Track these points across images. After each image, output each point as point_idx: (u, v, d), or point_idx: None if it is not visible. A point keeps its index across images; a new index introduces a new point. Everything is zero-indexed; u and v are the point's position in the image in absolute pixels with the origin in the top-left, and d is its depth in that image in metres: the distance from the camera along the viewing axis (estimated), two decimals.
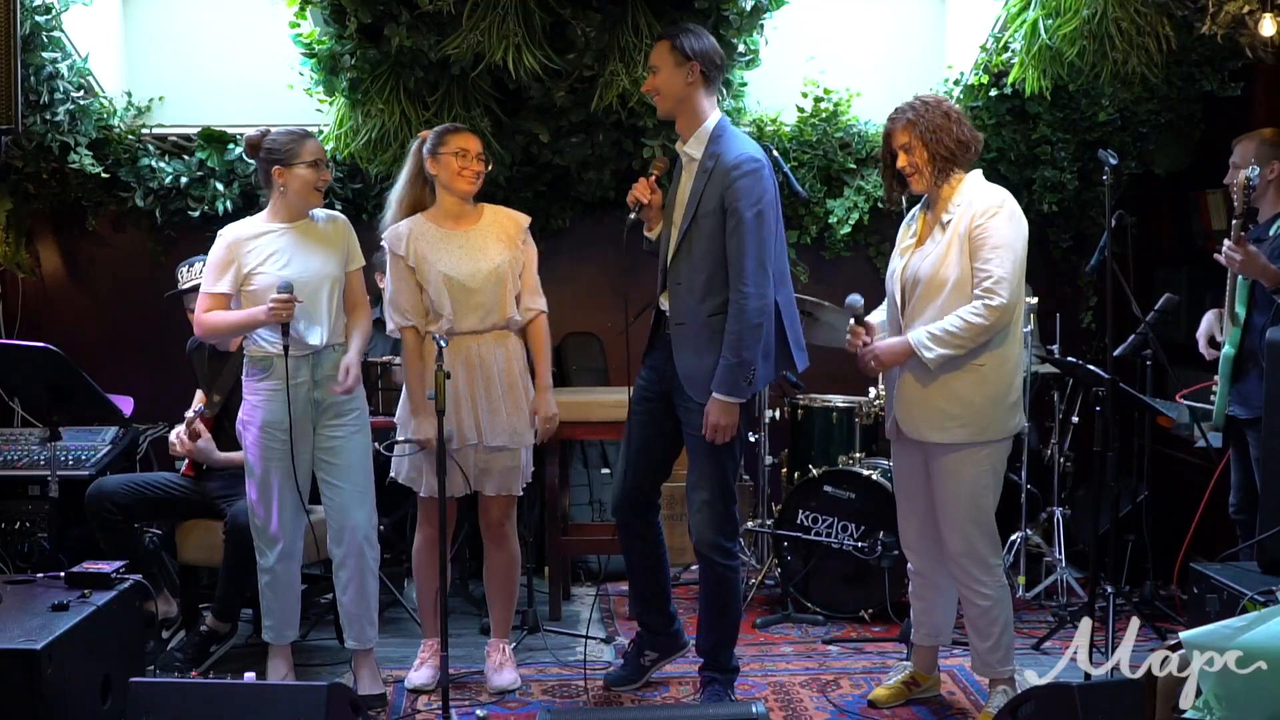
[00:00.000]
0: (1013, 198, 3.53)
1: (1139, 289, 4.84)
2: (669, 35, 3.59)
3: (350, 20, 4.45)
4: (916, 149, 3.49)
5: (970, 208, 3.45)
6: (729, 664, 3.79)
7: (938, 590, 3.74)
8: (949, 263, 3.45)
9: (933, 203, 3.57)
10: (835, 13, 5.57)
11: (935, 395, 3.48)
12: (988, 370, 3.47)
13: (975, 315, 3.38)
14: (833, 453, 4.88)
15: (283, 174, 3.69)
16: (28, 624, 3.05)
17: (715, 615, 3.75)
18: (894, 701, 3.77)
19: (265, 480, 3.74)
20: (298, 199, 3.73)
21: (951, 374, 3.46)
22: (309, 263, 3.71)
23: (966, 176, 3.53)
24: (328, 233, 3.79)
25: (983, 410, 3.48)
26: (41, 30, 4.73)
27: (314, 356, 3.72)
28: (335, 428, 3.77)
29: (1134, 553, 4.79)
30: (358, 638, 3.85)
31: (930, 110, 3.49)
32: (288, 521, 3.75)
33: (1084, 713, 2.78)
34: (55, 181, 5.25)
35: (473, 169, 3.78)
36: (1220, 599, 3.53)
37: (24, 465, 4.66)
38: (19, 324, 5.43)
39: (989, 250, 3.40)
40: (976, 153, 3.54)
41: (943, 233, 3.48)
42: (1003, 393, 3.50)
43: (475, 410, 3.79)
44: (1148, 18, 4.34)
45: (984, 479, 3.52)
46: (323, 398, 3.74)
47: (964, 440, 3.48)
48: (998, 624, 3.58)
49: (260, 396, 3.73)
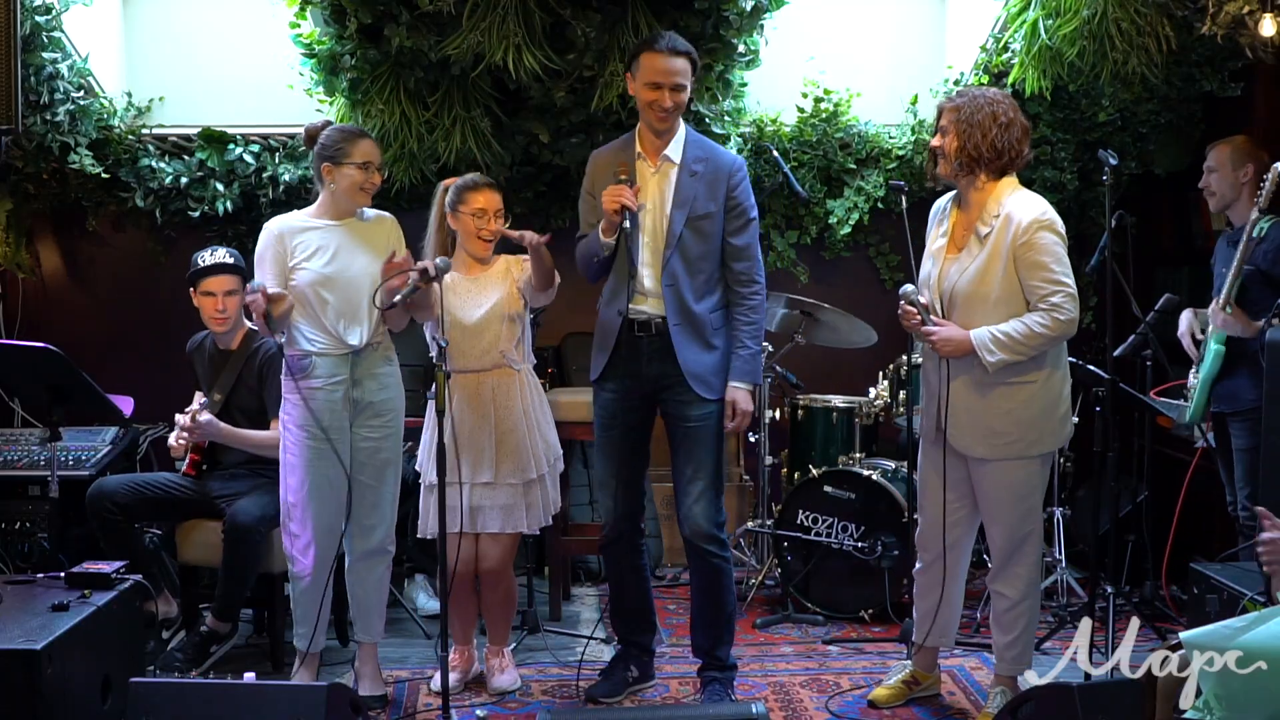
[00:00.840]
0: (1052, 208, 3.48)
1: (1139, 289, 4.84)
2: (691, 54, 3.61)
3: (350, 20, 4.45)
4: (950, 135, 3.47)
5: (1012, 222, 3.39)
6: (728, 661, 3.79)
7: (946, 590, 3.74)
8: (991, 278, 3.41)
9: (967, 205, 3.53)
10: (835, 13, 5.56)
11: (986, 413, 3.45)
12: (1037, 387, 3.46)
13: (1041, 325, 3.36)
14: (833, 453, 4.88)
15: (331, 171, 3.69)
16: (28, 624, 3.05)
17: (712, 612, 3.74)
18: (894, 701, 3.77)
19: (305, 482, 3.69)
20: (344, 198, 3.71)
21: (1003, 390, 3.44)
22: (352, 261, 3.69)
23: (1004, 185, 3.48)
24: (374, 231, 3.77)
25: (1032, 425, 3.47)
26: (41, 30, 4.73)
27: (353, 355, 3.71)
28: (374, 428, 3.75)
29: (1134, 553, 4.79)
30: (366, 630, 3.86)
31: (978, 105, 3.44)
32: (325, 526, 3.70)
33: (1084, 713, 2.78)
34: (55, 181, 5.25)
35: (490, 228, 3.80)
36: (1220, 599, 3.54)
37: (24, 465, 4.66)
38: (19, 324, 5.43)
39: (1046, 266, 3.37)
40: (1014, 164, 3.47)
41: (980, 245, 3.44)
42: (1052, 407, 3.50)
43: (472, 447, 3.76)
44: (1148, 18, 4.34)
45: (1034, 481, 3.52)
46: (361, 397, 3.73)
47: (1012, 456, 3.47)
48: (1023, 619, 3.59)
49: (300, 395, 3.69)
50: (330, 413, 3.67)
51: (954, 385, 3.51)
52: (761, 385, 5.00)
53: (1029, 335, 3.36)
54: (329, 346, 3.68)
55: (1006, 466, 3.48)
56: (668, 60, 3.55)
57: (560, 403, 4.71)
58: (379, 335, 3.76)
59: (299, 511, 3.71)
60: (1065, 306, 3.36)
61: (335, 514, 3.71)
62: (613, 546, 3.83)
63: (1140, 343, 4.31)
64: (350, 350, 3.70)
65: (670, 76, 3.55)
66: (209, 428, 4.08)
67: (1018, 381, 3.44)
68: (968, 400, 3.49)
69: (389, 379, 3.80)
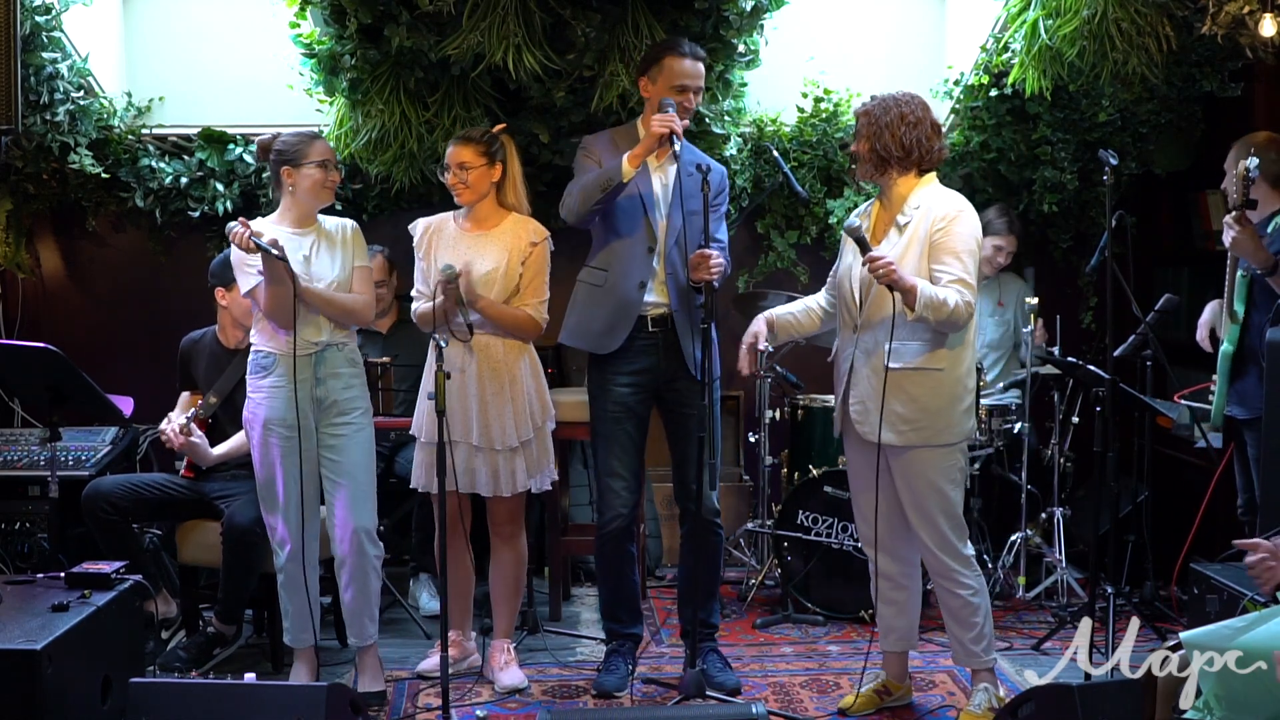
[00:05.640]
0: (970, 204, 3.55)
1: (1139, 289, 4.84)
2: (705, 58, 3.85)
3: (350, 20, 4.44)
4: (861, 139, 3.57)
5: (930, 211, 3.49)
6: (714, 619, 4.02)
7: (906, 591, 3.74)
8: (907, 265, 3.46)
9: (888, 202, 3.60)
10: (835, 13, 5.56)
11: (891, 398, 3.48)
12: (944, 375, 3.50)
13: (955, 300, 3.39)
14: (833, 453, 4.88)
15: (292, 174, 3.73)
16: (28, 624, 3.05)
17: (713, 581, 3.98)
18: (865, 710, 3.75)
19: (269, 479, 3.75)
20: (307, 198, 3.76)
21: (907, 376, 3.48)
22: (315, 267, 3.74)
23: (923, 181, 3.56)
24: (333, 237, 3.82)
25: (940, 414, 3.50)
26: (41, 30, 4.73)
27: (316, 354, 3.73)
28: (339, 426, 3.77)
29: (1134, 553, 4.79)
30: (358, 635, 3.87)
31: (888, 107, 3.53)
32: (295, 521, 3.75)
33: (1084, 713, 2.78)
34: (55, 181, 5.25)
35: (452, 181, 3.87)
36: (1220, 599, 3.53)
37: (24, 465, 4.66)
38: (19, 324, 5.43)
39: (953, 253, 3.44)
40: (926, 161, 3.54)
41: (900, 234, 3.51)
42: (958, 398, 3.53)
43: (464, 410, 3.81)
44: (1148, 18, 4.33)
45: (951, 474, 3.56)
46: (325, 395, 3.75)
47: (919, 443, 3.50)
48: (979, 612, 3.60)
49: (263, 394, 3.74)
50: (292, 411, 3.69)
51: (860, 374, 3.54)
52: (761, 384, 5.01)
53: (943, 304, 3.38)
54: (289, 347, 3.69)
55: (917, 459, 3.51)
56: (693, 64, 3.77)
57: (560, 403, 4.71)
58: (340, 335, 3.79)
59: (267, 509, 3.78)
60: (967, 293, 3.42)
61: (303, 509, 3.74)
62: (616, 537, 3.88)
63: (1140, 343, 4.31)
64: (314, 349, 3.72)
65: (695, 80, 3.77)
66: (195, 450, 4.13)
67: (924, 368, 3.48)
68: (872, 387, 3.51)
69: (354, 379, 3.82)
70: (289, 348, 3.69)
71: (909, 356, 3.49)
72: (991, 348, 5.24)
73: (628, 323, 3.81)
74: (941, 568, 3.58)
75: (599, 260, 3.90)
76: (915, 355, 3.49)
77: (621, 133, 3.92)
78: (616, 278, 3.82)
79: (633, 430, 3.87)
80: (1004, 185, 5.38)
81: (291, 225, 3.77)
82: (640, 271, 3.80)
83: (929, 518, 3.55)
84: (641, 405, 3.88)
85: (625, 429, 3.86)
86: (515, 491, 3.90)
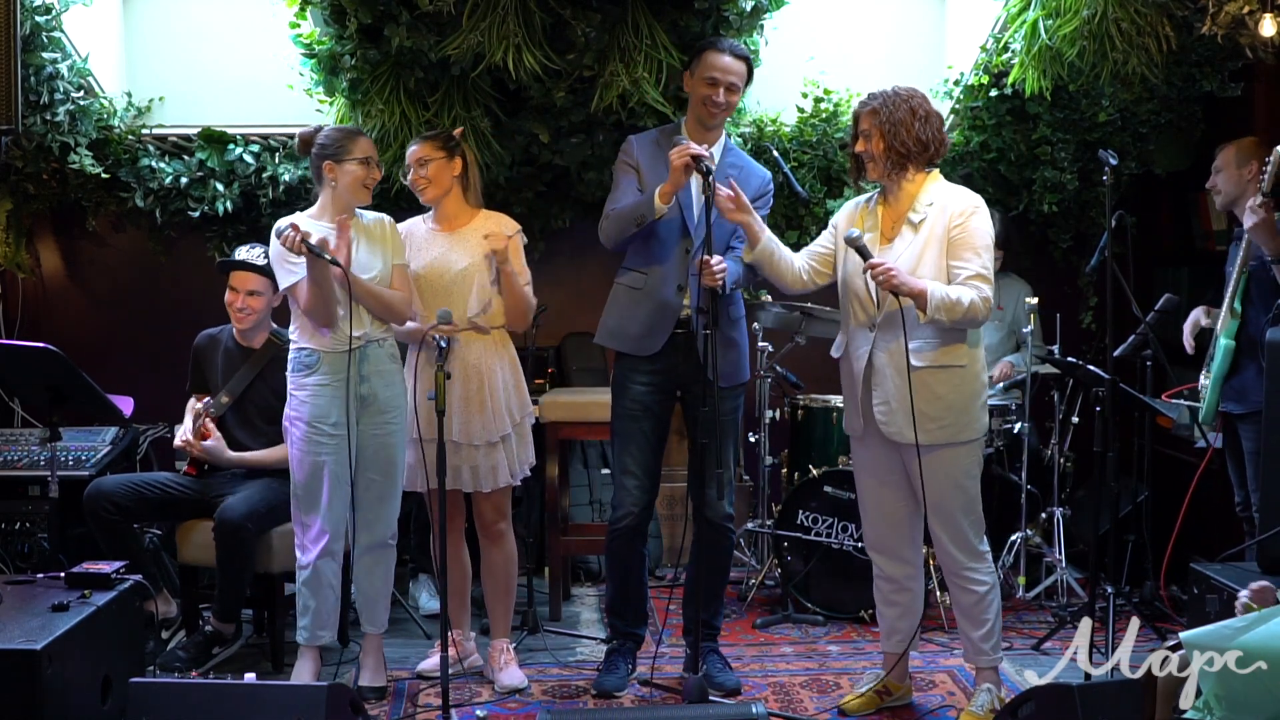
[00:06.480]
0: (982, 199, 3.55)
1: (1139, 289, 4.84)
2: (749, 60, 3.85)
3: (350, 20, 4.44)
4: (875, 137, 3.52)
5: (946, 208, 3.47)
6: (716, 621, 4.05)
7: (910, 594, 3.73)
8: (926, 263, 3.45)
9: (896, 199, 3.56)
10: (835, 13, 5.56)
11: (918, 397, 3.45)
12: (967, 371, 3.50)
13: (972, 298, 3.39)
14: (833, 453, 4.88)
15: (334, 169, 3.74)
16: (28, 624, 3.05)
17: (717, 584, 3.99)
18: (865, 710, 3.75)
19: (313, 476, 3.73)
20: (347, 194, 3.76)
21: (933, 374, 3.47)
22: (355, 259, 3.72)
23: (933, 176, 3.55)
24: (374, 232, 3.83)
25: (964, 410, 3.50)
26: (41, 30, 4.73)
27: (358, 351, 3.73)
28: (380, 424, 3.78)
29: (1134, 553, 4.79)
30: (371, 620, 3.89)
31: (897, 103, 3.50)
32: (337, 520, 3.75)
33: (1084, 713, 2.78)
34: (55, 181, 5.25)
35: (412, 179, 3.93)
36: (1220, 599, 3.53)
37: (24, 465, 4.66)
38: (19, 324, 5.43)
39: (972, 248, 3.44)
40: (939, 155, 3.53)
41: (914, 232, 3.49)
42: (979, 392, 3.54)
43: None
44: (1148, 18, 4.33)
45: (972, 470, 3.56)
46: (370, 393, 3.75)
47: (945, 441, 3.49)
48: (991, 609, 3.60)
49: (307, 392, 3.73)
50: (337, 409, 3.69)
51: (883, 373, 3.51)
52: (761, 384, 5.01)
53: (959, 303, 3.38)
54: (334, 344, 3.70)
55: (942, 457, 3.49)
56: (728, 60, 3.78)
57: (560, 403, 4.72)
58: (381, 331, 3.78)
59: (304, 506, 3.75)
60: (985, 288, 3.41)
61: (344, 506, 3.74)
62: (626, 535, 3.88)
63: (1140, 343, 4.31)
64: (355, 347, 3.71)
65: (727, 75, 3.76)
66: (213, 453, 4.13)
67: (946, 366, 3.47)
68: (897, 387, 3.48)
69: (395, 375, 3.83)
70: (332, 344, 3.69)
71: (933, 354, 3.47)
72: (991, 350, 5.24)
73: (667, 325, 3.81)
74: (956, 565, 3.57)
75: (637, 262, 3.88)
76: (939, 353, 3.47)
77: (666, 132, 3.91)
78: (656, 281, 3.82)
79: (649, 429, 3.86)
80: (1004, 185, 5.38)
81: (332, 221, 3.75)
82: (678, 274, 3.80)
83: (949, 515, 3.54)
84: (660, 405, 3.86)
85: (641, 427, 3.85)
86: (496, 486, 3.91)
